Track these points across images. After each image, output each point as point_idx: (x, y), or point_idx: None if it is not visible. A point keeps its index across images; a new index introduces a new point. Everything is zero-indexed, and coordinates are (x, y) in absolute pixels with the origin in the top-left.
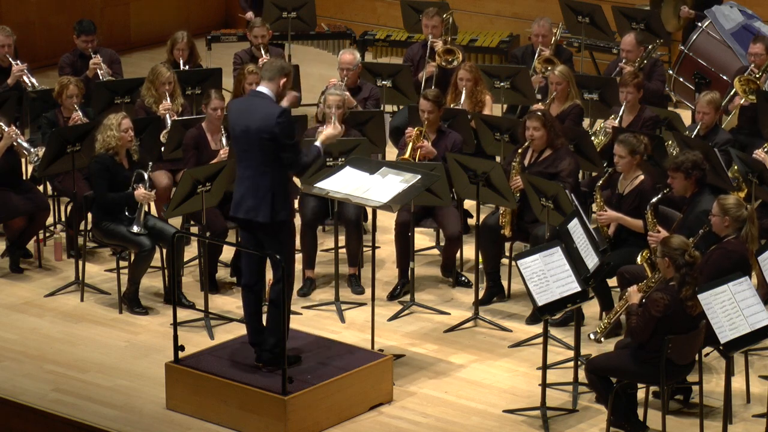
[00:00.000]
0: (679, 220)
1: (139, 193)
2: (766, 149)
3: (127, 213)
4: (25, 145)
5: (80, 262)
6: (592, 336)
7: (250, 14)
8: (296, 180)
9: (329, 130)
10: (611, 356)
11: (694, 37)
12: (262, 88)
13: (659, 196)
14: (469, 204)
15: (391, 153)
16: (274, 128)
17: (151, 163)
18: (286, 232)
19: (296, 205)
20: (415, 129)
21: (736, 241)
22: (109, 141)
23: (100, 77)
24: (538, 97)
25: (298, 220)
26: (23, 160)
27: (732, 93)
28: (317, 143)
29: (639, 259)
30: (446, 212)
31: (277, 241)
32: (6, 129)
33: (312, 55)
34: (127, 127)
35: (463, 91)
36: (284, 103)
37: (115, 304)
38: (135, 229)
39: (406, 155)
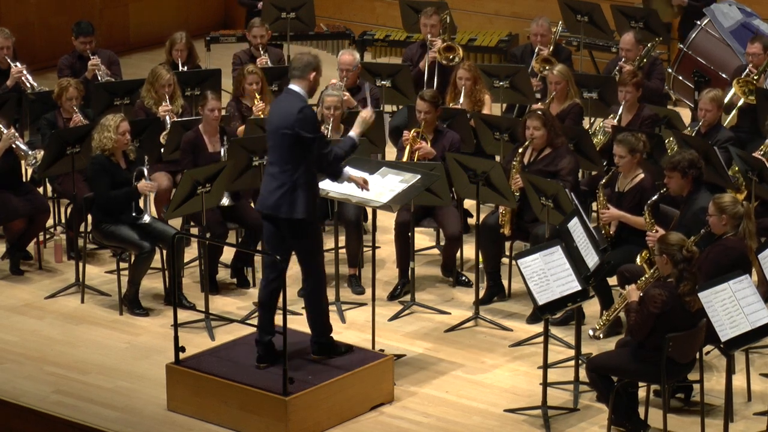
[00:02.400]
0: (676, 219)
1: (141, 185)
2: (762, 151)
3: (134, 213)
4: (24, 147)
5: (80, 264)
6: (591, 332)
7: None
8: None
9: (362, 114)
10: (612, 355)
11: (693, 35)
12: (293, 86)
13: (656, 196)
14: (469, 203)
15: (391, 153)
16: (294, 124)
17: (147, 157)
18: (309, 229)
19: None
20: (411, 131)
21: (734, 238)
22: (105, 142)
23: (99, 78)
24: (538, 96)
25: None
26: (23, 162)
27: (731, 94)
28: (352, 134)
29: (638, 260)
30: (446, 212)
31: (301, 236)
32: (5, 131)
33: None
34: (124, 131)
35: (462, 91)
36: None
37: (116, 306)
38: (146, 219)
39: (404, 159)
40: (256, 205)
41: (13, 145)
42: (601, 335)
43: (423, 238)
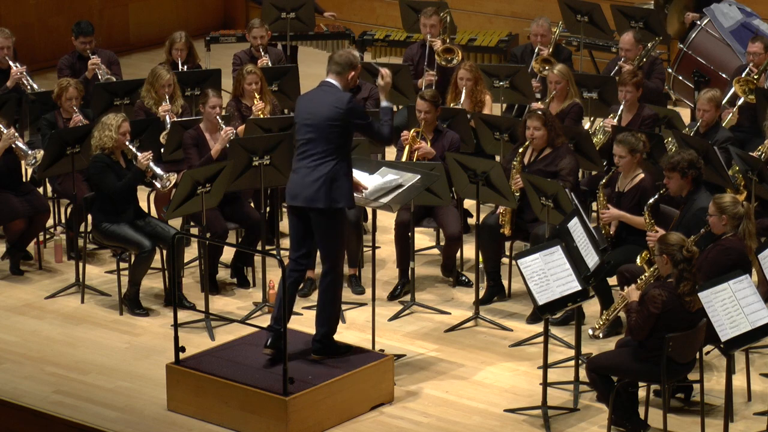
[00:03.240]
0: (676, 219)
1: (139, 159)
2: (760, 152)
3: (139, 222)
4: (24, 147)
5: (80, 264)
6: (590, 332)
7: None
8: None
9: (378, 81)
10: (612, 355)
11: (693, 35)
12: (331, 80)
13: (656, 196)
14: (469, 203)
15: (391, 153)
16: (343, 115)
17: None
18: (340, 221)
19: None
20: (411, 131)
21: (734, 238)
22: (105, 141)
23: (99, 78)
24: (537, 96)
25: None
26: (23, 162)
27: (731, 93)
28: (384, 103)
29: (639, 260)
30: (446, 212)
31: (331, 229)
32: (5, 131)
33: (311, 56)
34: (125, 131)
35: (463, 91)
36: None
37: (116, 306)
38: (164, 174)
39: (404, 159)
40: (286, 198)
41: (13, 145)
42: (601, 335)
43: (423, 238)
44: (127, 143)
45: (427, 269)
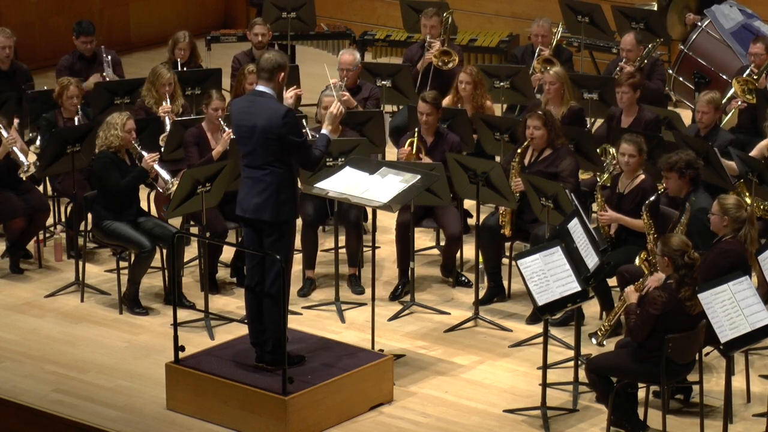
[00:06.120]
0: (675, 219)
1: (145, 159)
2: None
3: (139, 221)
4: (21, 156)
5: (80, 263)
6: (594, 340)
7: None
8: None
9: (330, 110)
10: (611, 356)
11: (694, 36)
12: (263, 87)
13: (653, 197)
14: (469, 204)
15: (391, 153)
16: (280, 129)
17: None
18: (289, 231)
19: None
20: (407, 144)
21: (733, 240)
22: (111, 140)
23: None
24: (538, 96)
25: (298, 221)
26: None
27: (731, 93)
28: (324, 131)
29: (637, 260)
30: (446, 212)
31: (280, 239)
32: (5, 135)
33: (312, 56)
34: (130, 129)
35: (463, 95)
36: (288, 100)
37: (116, 305)
38: (169, 179)
39: None
40: (236, 210)
41: (11, 150)
42: (604, 342)
43: (423, 238)
44: (133, 142)
45: (427, 269)
